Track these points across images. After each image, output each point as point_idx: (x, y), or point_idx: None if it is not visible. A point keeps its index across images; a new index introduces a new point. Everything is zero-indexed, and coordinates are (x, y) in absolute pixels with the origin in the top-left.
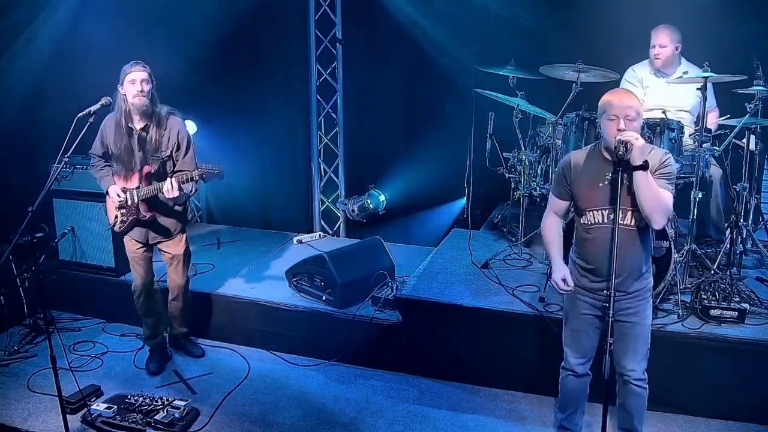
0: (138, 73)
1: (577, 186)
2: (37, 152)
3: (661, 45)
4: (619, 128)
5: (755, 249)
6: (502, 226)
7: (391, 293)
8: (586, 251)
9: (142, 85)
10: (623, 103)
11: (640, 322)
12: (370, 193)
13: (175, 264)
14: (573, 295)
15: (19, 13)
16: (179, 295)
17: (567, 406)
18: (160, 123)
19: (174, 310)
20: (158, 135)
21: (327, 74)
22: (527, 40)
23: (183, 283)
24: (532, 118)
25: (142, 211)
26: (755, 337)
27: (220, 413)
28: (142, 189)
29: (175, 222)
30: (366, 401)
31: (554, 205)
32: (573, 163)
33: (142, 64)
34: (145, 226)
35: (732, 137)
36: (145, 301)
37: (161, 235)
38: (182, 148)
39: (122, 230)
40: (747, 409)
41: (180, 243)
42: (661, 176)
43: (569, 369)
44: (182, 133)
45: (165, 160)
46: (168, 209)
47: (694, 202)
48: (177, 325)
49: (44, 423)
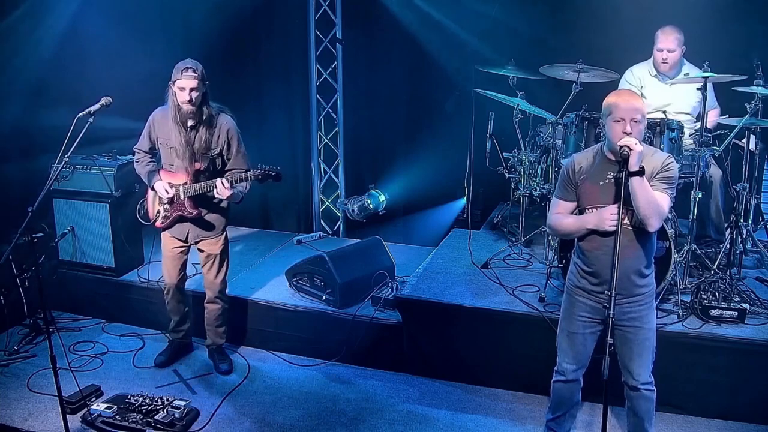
0: (187, 80)
1: (581, 185)
2: (37, 152)
3: (669, 50)
4: (625, 131)
5: (755, 249)
6: (502, 226)
7: (391, 293)
8: (587, 252)
9: (191, 94)
10: (630, 105)
11: (643, 326)
12: (370, 193)
13: (210, 263)
14: (572, 296)
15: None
16: (214, 299)
17: (557, 408)
18: (211, 122)
19: (209, 315)
20: (208, 133)
21: (327, 74)
22: (527, 40)
23: (218, 282)
24: (532, 118)
25: (188, 207)
26: (755, 337)
27: (220, 413)
28: (189, 186)
29: (218, 220)
30: (366, 401)
31: (559, 208)
32: (576, 164)
33: (193, 69)
34: (189, 223)
35: (732, 137)
36: (172, 300)
37: (203, 234)
38: (233, 147)
39: (164, 226)
40: (747, 409)
41: (218, 242)
42: (661, 180)
43: (561, 373)
44: (232, 132)
45: (214, 158)
46: (214, 207)
47: (694, 202)
48: (211, 336)
49: (44, 423)
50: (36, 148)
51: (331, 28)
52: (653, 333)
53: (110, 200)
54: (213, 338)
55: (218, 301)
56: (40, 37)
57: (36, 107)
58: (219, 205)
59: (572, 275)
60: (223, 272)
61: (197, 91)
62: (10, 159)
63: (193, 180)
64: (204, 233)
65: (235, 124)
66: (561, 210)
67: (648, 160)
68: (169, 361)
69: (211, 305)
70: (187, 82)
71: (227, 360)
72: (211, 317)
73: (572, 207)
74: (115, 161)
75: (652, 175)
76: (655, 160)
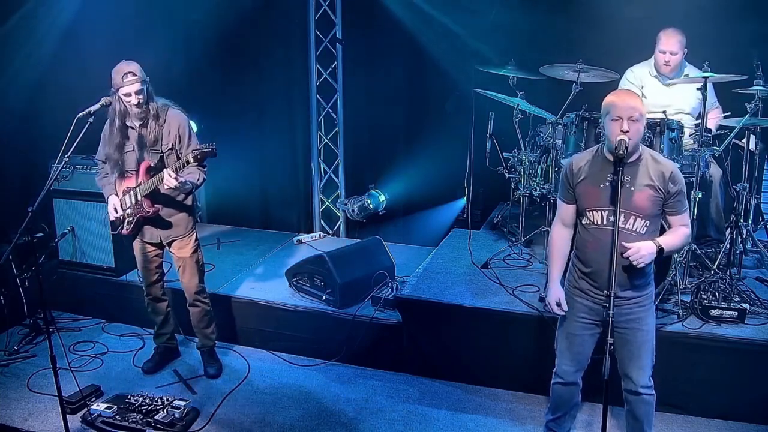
0: (130, 86)
1: (580, 186)
2: (37, 152)
3: (672, 52)
4: (622, 129)
5: (755, 249)
6: (502, 226)
7: (391, 293)
8: (585, 253)
9: (137, 97)
10: (627, 104)
11: (641, 328)
12: (370, 193)
13: (182, 267)
14: (571, 297)
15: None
16: (194, 302)
17: (557, 409)
18: (158, 117)
19: (193, 318)
20: (157, 129)
21: (327, 74)
22: (527, 40)
23: (194, 286)
24: (532, 118)
25: (145, 207)
26: (755, 337)
27: (220, 413)
28: (143, 184)
29: (184, 216)
30: (366, 401)
31: (562, 211)
32: (576, 165)
33: (133, 72)
34: (153, 225)
35: (732, 137)
36: (152, 302)
37: (173, 232)
38: (184, 140)
39: (130, 232)
40: (747, 409)
41: (188, 245)
42: (676, 199)
43: (559, 376)
44: (183, 125)
45: (166, 154)
46: (173, 202)
47: (694, 202)
48: (200, 337)
49: (44, 423)
50: (36, 148)
51: (331, 28)
52: (652, 336)
53: None
54: (202, 340)
55: (198, 303)
56: (40, 37)
57: (36, 107)
58: (179, 202)
59: (571, 276)
60: (197, 275)
61: (141, 93)
62: (10, 159)
63: (146, 178)
64: (172, 233)
65: (185, 116)
66: (562, 214)
67: (654, 166)
68: (157, 367)
69: (193, 308)
70: (130, 87)
71: (216, 363)
72: (195, 320)
73: (572, 209)
74: None
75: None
76: (663, 168)
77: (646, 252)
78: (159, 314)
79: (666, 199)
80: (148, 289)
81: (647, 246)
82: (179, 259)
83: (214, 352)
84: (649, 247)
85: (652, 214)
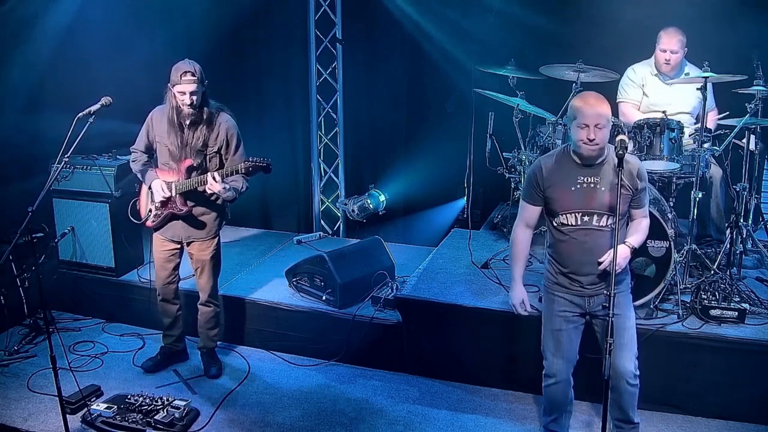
0: (187, 85)
1: (551, 190)
2: (37, 152)
3: (672, 51)
4: (589, 137)
5: (755, 249)
6: (502, 226)
7: (391, 293)
8: (561, 253)
9: (192, 98)
10: (594, 111)
11: (620, 313)
12: (370, 193)
13: (201, 268)
14: (550, 295)
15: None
16: (206, 302)
17: (553, 410)
18: (211, 120)
19: (201, 317)
20: (206, 131)
21: (327, 74)
22: (527, 40)
23: (209, 287)
24: (532, 118)
25: (178, 204)
26: (755, 337)
27: (220, 413)
28: (181, 182)
29: (211, 219)
30: (366, 401)
31: (526, 213)
32: (544, 168)
33: (191, 72)
34: (180, 223)
35: (732, 137)
36: (163, 302)
37: (195, 234)
38: (231, 146)
39: (155, 225)
40: (747, 409)
41: (209, 248)
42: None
43: (551, 376)
44: (231, 131)
45: (210, 157)
46: (206, 204)
47: (694, 202)
48: (203, 338)
49: (44, 423)
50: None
51: (331, 28)
52: (633, 323)
53: (110, 200)
54: (204, 341)
55: (210, 304)
56: (41, 36)
57: (36, 107)
58: (213, 204)
59: (549, 275)
60: (213, 277)
61: (197, 93)
62: (10, 159)
63: (185, 176)
64: (196, 233)
65: (234, 122)
66: (526, 215)
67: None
68: (157, 367)
69: (204, 308)
70: (186, 86)
71: (217, 363)
72: (203, 320)
73: (537, 212)
74: (115, 161)
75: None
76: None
77: (621, 258)
78: (168, 316)
79: (633, 195)
80: (161, 290)
81: (622, 251)
82: (198, 261)
83: (214, 353)
84: (623, 252)
85: (622, 211)
